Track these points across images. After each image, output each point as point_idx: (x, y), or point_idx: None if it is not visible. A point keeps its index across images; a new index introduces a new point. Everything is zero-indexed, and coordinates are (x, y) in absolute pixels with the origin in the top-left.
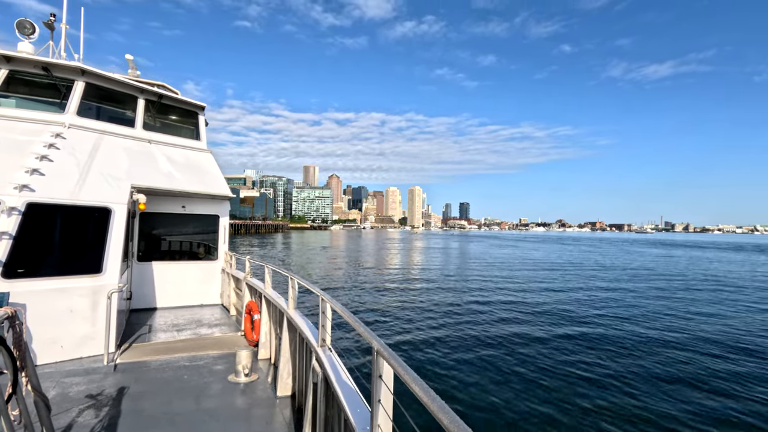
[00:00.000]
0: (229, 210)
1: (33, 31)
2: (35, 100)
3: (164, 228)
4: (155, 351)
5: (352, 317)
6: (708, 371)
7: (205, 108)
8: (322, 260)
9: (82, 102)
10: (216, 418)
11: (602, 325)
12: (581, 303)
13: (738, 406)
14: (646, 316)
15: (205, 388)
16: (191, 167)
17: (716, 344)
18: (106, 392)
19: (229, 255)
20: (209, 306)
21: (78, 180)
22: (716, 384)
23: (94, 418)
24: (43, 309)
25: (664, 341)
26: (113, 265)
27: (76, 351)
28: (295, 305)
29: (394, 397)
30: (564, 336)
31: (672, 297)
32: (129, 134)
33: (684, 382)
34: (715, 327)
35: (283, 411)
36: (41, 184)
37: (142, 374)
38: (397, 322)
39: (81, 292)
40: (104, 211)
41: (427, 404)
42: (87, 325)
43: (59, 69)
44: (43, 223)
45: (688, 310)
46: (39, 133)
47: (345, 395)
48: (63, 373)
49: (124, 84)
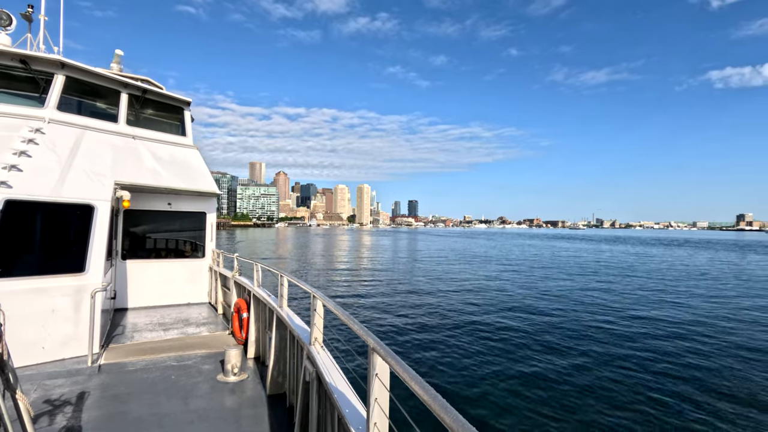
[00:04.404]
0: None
1: (10, 23)
2: (13, 94)
3: (149, 225)
4: (141, 351)
5: (345, 314)
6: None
7: (191, 103)
8: (269, 253)
9: (63, 96)
10: (205, 418)
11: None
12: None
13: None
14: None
15: (193, 388)
16: (177, 163)
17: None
18: (91, 394)
19: (217, 253)
20: (196, 305)
21: (59, 176)
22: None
23: (78, 421)
24: (23, 309)
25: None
26: (96, 263)
27: (59, 352)
28: (286, 303)
29: (391, 394)
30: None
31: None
32: (112, 130)
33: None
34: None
35: (273, 410)
36: (20, 180)
37: (128, 375)
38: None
39: (63, 291)
40: (87, 208)
41: (428, 402)
42: (69, 326)
43: (38, 62)
44: (22, 221)
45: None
46: (17, 128)
47: (338, 393)
48: (45, 375)
49: (107, 78)
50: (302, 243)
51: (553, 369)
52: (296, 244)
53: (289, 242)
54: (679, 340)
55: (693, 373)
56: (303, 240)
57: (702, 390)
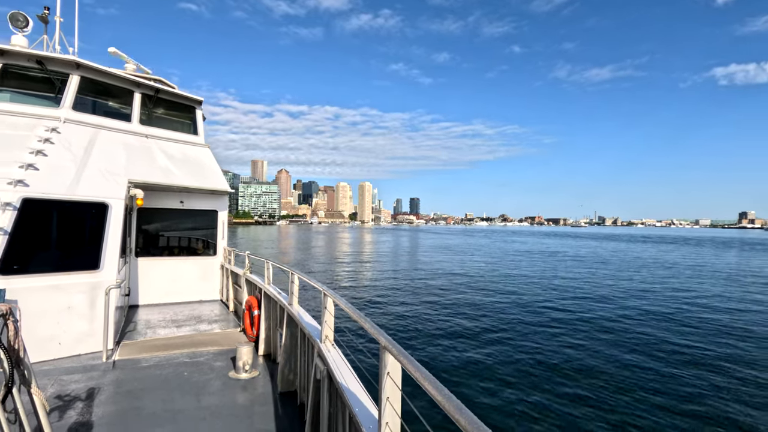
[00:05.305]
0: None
1: (26, 24)
2: (30, 94)
3: (162, 223)
4: (154, 347)
5: (357, 312)
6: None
7: (203, 102)
8: (272, 250)
9: (78, 96)
10: (217, 415)
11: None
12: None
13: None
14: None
15: (205, 385)
16: (189, 162)
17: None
18: (106, 389)
19: (228, 251)
20: (208, 302)
21: (74, 175)
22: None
23: (93, 416)
24: (40, 306)
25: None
26: (111, 261)
27: (74, 348)
28: (296, 301)
29: (403, 393)
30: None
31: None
32: (125, 129)
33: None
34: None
35: (285, 407)
36: (37, 179)
37: (142, 371)
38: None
39: (79, 288)
40: (101, 206)
41: (442, 403)
42: (85, 322)
43: (54, 62)
44: (39, 219)
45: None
46: (34, 128)
47: (349, 392)
48: (61, 370)
49: (120, 78)
50: (304, 240)
51: (578, 370)
52: (299, 240)
53: (291, 239)
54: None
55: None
56: (305, 237)
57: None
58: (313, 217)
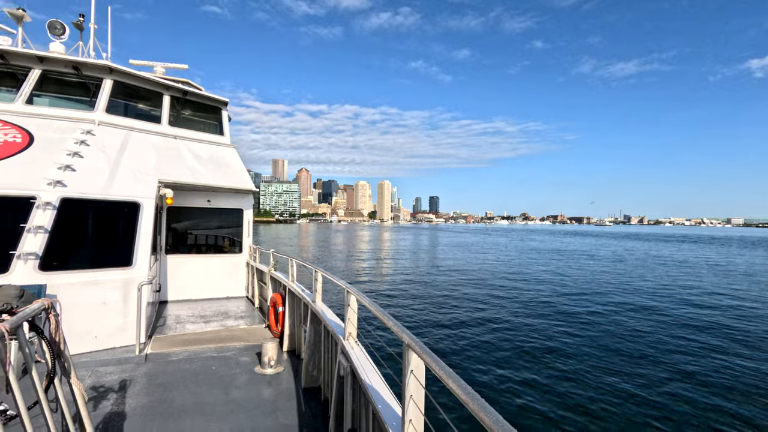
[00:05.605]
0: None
1: (63, 32)
2: (66, 98)
3: (190, 222)
4: (184, 342)
5: (380, 310)
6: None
7: (228, 103)
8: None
9: (111, 99)
10: (244, 408)
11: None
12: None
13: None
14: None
15: (232, 379)
16: (216, 162)
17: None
18: (138, 381)
19: (253, 248)
20: (235, 298)
21: (108, 175)
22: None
23: (127, 407)
24: (77, 300)
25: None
26: (143, 258)
27: (109, 341)
28: (320, 298)
29: (426, 392)
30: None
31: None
32: (155, 130)
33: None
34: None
35: (309, 403)
36: (74, 180)
37: (172, 364)
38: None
39: (113, 284)
40: (134, 205)
41: (466, 402)
42: (119, 317)
43: (89, 68)
44: (76, 218)
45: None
46: (71, 131)
47: (372, 389)
48: (97, 362)
49: (151, 81)
50: (324, 238)
51: (608, 372)
52: (319, 238)
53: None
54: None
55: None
56: (325, 235)
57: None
58: (332, 216)
